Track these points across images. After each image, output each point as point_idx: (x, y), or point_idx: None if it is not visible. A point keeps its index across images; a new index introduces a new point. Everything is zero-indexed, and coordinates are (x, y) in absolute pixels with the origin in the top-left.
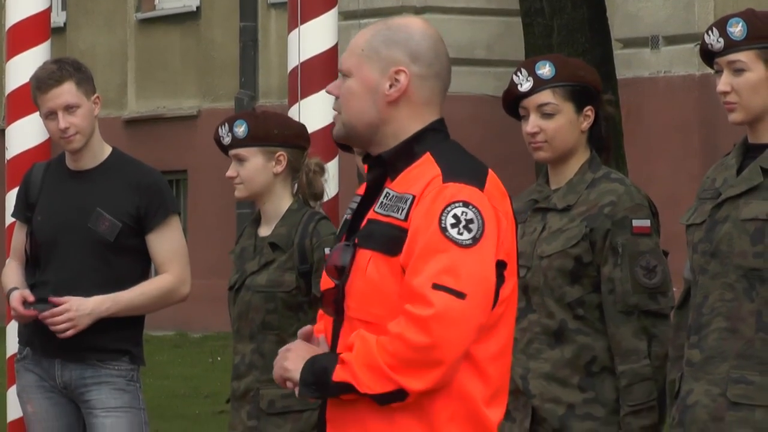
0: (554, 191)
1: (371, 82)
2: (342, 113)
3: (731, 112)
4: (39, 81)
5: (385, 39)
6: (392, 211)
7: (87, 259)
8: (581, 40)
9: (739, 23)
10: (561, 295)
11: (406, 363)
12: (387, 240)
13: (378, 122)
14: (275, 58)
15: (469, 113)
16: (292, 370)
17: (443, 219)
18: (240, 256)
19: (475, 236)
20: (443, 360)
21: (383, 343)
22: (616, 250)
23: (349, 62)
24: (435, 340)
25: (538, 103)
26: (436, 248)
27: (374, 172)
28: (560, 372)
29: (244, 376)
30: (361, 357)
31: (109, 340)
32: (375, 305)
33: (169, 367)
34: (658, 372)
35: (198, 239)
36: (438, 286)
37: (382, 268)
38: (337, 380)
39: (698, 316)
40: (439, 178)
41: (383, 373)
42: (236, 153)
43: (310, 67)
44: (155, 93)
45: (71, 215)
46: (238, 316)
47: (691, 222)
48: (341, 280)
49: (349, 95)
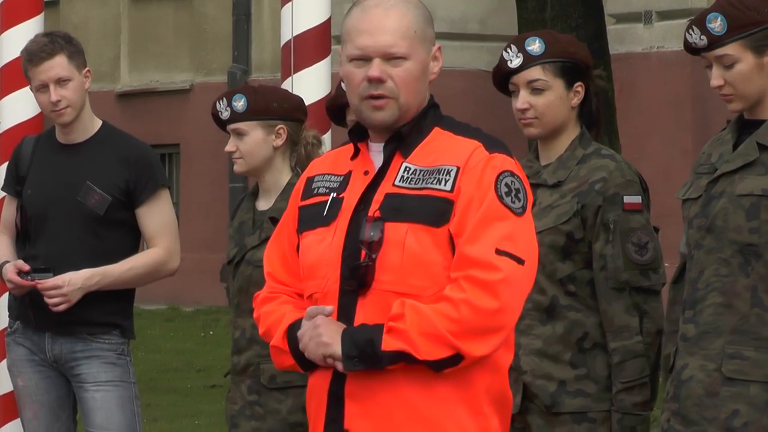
0: (544, 167)
1: (425, 64)
2: (401, 97)
3: (729, 103)
4: (30, 54)
5: (425, 18)
6: (429, 183)
7: (76, 233)
8: (574, 15)
9: (718, 18)
10: (552, 272)
11: (470, 328)
12: (429, 211)
13: (422, 101)
14: (268, 31)
15: (462, 88)
16: (332, 344)
17: (498, 187)
18: (238, 230)
19: (524, 205)
20: (506, 324)
21: (443, 310)
22: (608, 226)
23: (404, 45)
24: (503, 304)
25: (527, 80)
26: (495, 215)
27: (389, 148)
28: (552, 348)
29: (245, 351)
30: (416, 325)
31: (99, 314)
32: (415, 277)
33: (161, 341)
34: (650, 348)
35: (190, 213)
36: (501, 251)
37: (423, 239)
38: (387, 349)
39: (693, 291)
40: (482, 149)
41: (444, 339)
42: (236, 127)
43: (304, 41)
44: (148, 67)
45: (61, 189)
46: (239, 290)
47: (687, 197)
48: (374, 254)
49: (410, 79)
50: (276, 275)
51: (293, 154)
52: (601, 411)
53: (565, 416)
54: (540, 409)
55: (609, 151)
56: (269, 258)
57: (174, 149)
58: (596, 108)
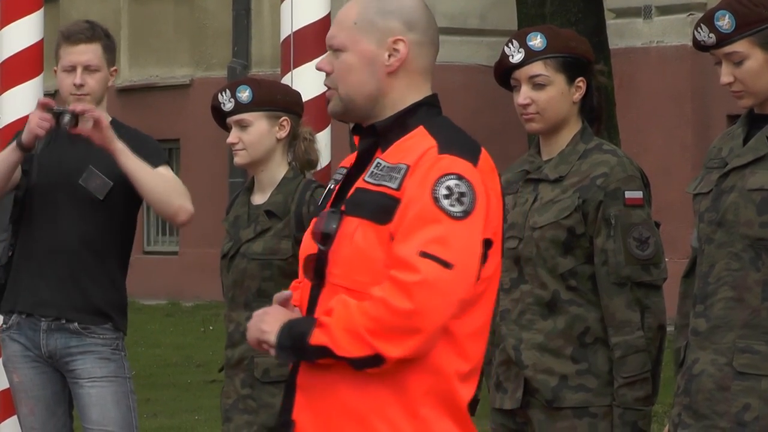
0: (546, 162)
1: (369, 54)
2: (339, 88)
3: (740, 99)
4: (70, 32)
5: (378, 9)
6: (384, 180)
7: (75, 219)
8: (574, 9)
9: (726, 15)
10: (554, 266)
11: (386, 328)
12: (377, 208)
13: (377, 94)
14: (268, 27)
15: (462, 83)
16: (268, 332)
17: (436, 189)
18: (233, 224)
19: (466, 209)
20: (423, 328)
21: (364, 308)
22: (609, 221)
23: (342, 36)
24: (417, 307)
25: (529, 75)
26: (427, 217)
27: (366, 142)
28: (553, 343)
29: (239, 344)
30: (341, 320)
31: (91, 302)
32: (360, 272)
33: (161, 336)
34: (651, 343)
35: None
36: (426, 254)
37: (369, 235)
38: (314, 343)
39: (704, 285)
40: (434, 149)
41: (361, 337)
42: (240, 118)
43: (303, 37)
44: (148, 62)
45: (64, 173)
46: (233, 283)
47: (698, 191)
48: (326, 246)
49: (346, 69)
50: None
51: (291, 149)
52: (603, 406)
53: (567, 411)
54: (541, 403)
55: (610, 146)
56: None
57: (174, 144)
58: (598, 103)
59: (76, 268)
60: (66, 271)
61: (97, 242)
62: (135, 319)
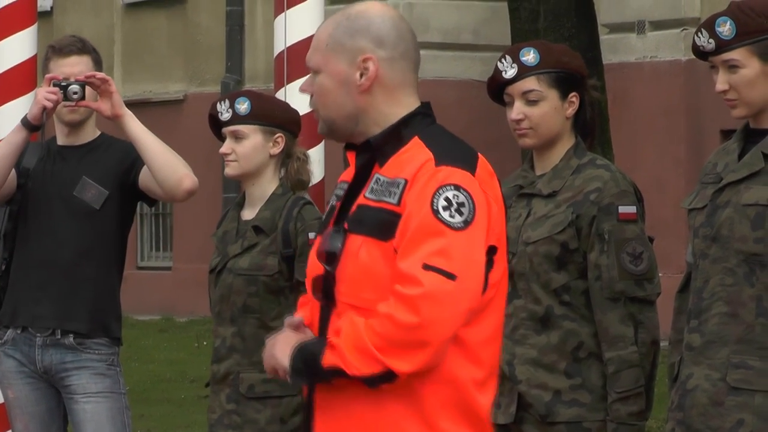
0: (539, 177)
1: (341, 75)
2: (320, 110)
3: (733, 109)
4: (61, 45)
5: (346, 29)
6: (384, 195)
7: (72, 229)
8: (567, 25)
9: (727, 22)
10: (547, 281)
11: (394, 343)
12: (379, 224)
13: (356, 112)
14: (261, 42)
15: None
16: (280, 358)
17: (435, 201)
18: (222, 239)
19: (467, 219)
20: (430, 341)
21: (371, 325)
22: (603, 236)
23: (316, 59)
24: (423, 320)
25: (522, 90)
26: (428, 230)
27: (362, 157)
28: (547, 358)
29: (225, 359)
30: (350, 339)
31: (91, 311)
32: (366, 290)
33: (154, 351)
34: (645, 358)
35: (184, 224)
36: (429, 266)
37: (373, 252)
38: (326, 365)
39: (699, 301)
40: (431, 162)
41: (371, 355)
42: (235, 129)
43: (296, 52)
44: (142, 77)
45: (58, 185)
46: (220, 298)
47: (693, 206)
48: (332, 266)
49: (322, 92)
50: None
51: (283, 167)
52: (596, 421)
53: (560, 426)
54: (535, 418)
55: (604, 161)
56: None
57: None
58: (591, 118)
59: (76, 279)
60: (65, 282)
61: (94, 252)
62: (128, 334)
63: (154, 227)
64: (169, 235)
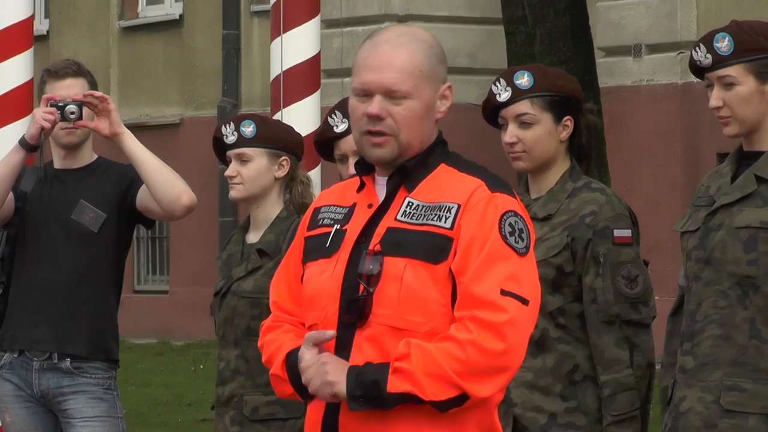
0: (534, 200)
1: (431, 102)
2: (401, 135)
3: (725, 126)
4: (56, 68)
5: (436, 57)
6: (430, 219)
7: (70, 252)
8: (563, 48)
9: (725, 38)
10: (542, 304)
11: (478, 369)
12: (428, 247)
13: (427, 139)
14: (258, 66)
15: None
16: (336, 382)
17: (503, 227)
18: (227, 262)
19: (527, 245)
20: (511, 365)
21: (448, 350)
22: (598, 260)
23: (407, 84)
24: (509, 346)
25: (516, 113)
26: (499, 255)
27: (393, 182)
28: (542, 381)
29: (229, 382)
30: (421, 365)
31: (91, 334)
32: (412, 312)
33: (151, 375)
34: (640, 381)
35: (180, 248)
36: (506, 292)
37: (421, 275)
38: (393, 391)
39: (692, 323)
40: (483, 188)
41: (450, 380)
42: (241, 152)
43: (293, 76)
44: (138, 101)
45: (55, 209)
46: (224, 321)
47: (685, 229)
48: (373, 287)
49: (412, 117)
50: (281, 304)
51: (287, 190)
52: None
53: None
54: None
55: (599, 185)
56: (276, 286)
57: None
58: (586, 141)
59: (74, 302)
60: (63, 305)
61: (92, 275)
62: (125, 358)
63: (151, 251)
64: (166, 259)
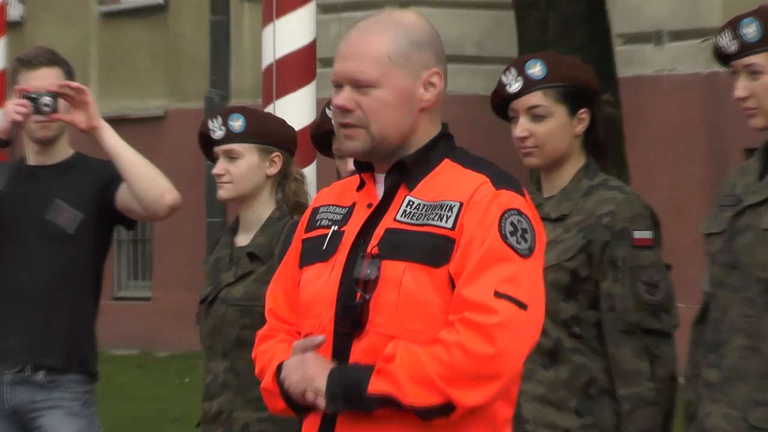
0: (547, 199)
1: (406, 90)
2: (372, 126)
3: (751, 118)
4: (30, 57)
5: (411, 42)
6: (431, 219)
7: (45, 255)
8: (579, 35)
9: (753, 23)
10: (555, 312)
11: (464, 374)
12: (428, 249)
13: (410, 131)
14: (248, 54)
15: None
16: (314, 377)
17: (503, 226)
18: (214, 266)
19: (531, 246)
20: (503, 373)
21: (435, 353)
22: (616, 264)
23: (374, 72)
24: (499, 350)
25: (527, 105)
26: (496, 256)
27: (392, 179)
28: (555, 394)
29: (217, 397)
30: (405, 367)
31: (67, 344)
32: (412, 319)
33: (133, 388)
34: (662, 395)
35: (165, 250)
36: (501, 294)
37: (421, 279)
38: (374, 392)
39: (717, 333)
40: (488, 185)
41: (433, 384)
42: (229, 148)
43: (287, 65)
44: (119, 93)
45: (29, 209)
46: (211, 331)
47: (710, 231)
48: (369, 294)
49: (382, 107)
50: (277, 312)
51: (280, 188)
52: None
53: None
54: None
55: (617, 183)
56: (272, 293)
57: None
58: (603, 136)
59: (49, 309)
60: (38, 313)
61: (69, 280)
62: (105, 370)
63: (133, 254)
64: (149, 263)
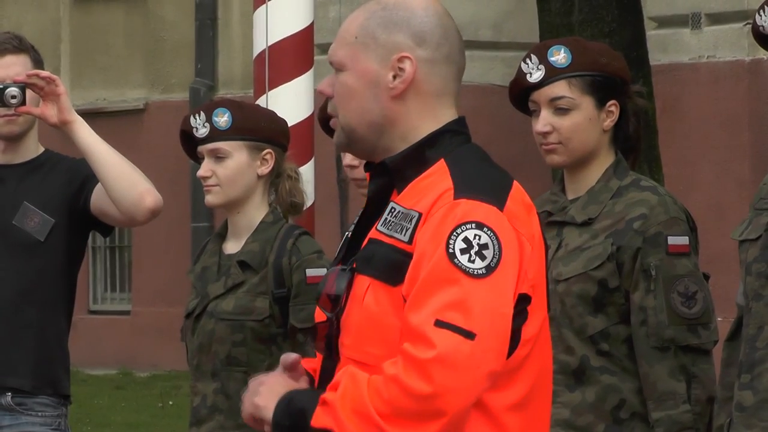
0: (572, 202)
1: (371, 75)
2: (339, 115)
3: None
4: None
5: (381, 21)
6: (396, 230)
7: (11, 263)
8: (607, 18)
9: None
10: (582, 327)
11: (401, 412)
12: (388, 265)
13: (382, 122)
14: (238, 39)
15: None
16: (263, 407)
17: (451, 243)
18: (201, 277)
19: (490, 265)
20: (445, 411)
21: (376, 386)
22: (649, 273)
23: (341, 53)
24: (437, 389)
25: (550, 97)
26: (441, 278)
27: (378, 181)
28: (582, 419)
29: (205, 422)
30: (348, 399)
31: (35, 363)
32: (372, 343)
33: (110, 412)
34: (699, 419)
35: (145, 259)
36: (442, 323)
37: (381, 298)
38: (316, 425)
39: (751, 351)
40: (449, 193)
41: (372, 422)
42: (215, 147)
43: (281, 51)
44: (94, 82)
45: None
46: (199, 348)
47: (745, 237)
48: (335, 312)
49: (344, 93)
50: None
51: (272, 188)
52: None
53: None
54: None
55: (650, 183)
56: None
57: None
58: (634, 130)
59: (15, 325)
60: (3, 329)
61: (38, 292)
62: (79, 391)
63: (110, 263)
64: (127, 273)
